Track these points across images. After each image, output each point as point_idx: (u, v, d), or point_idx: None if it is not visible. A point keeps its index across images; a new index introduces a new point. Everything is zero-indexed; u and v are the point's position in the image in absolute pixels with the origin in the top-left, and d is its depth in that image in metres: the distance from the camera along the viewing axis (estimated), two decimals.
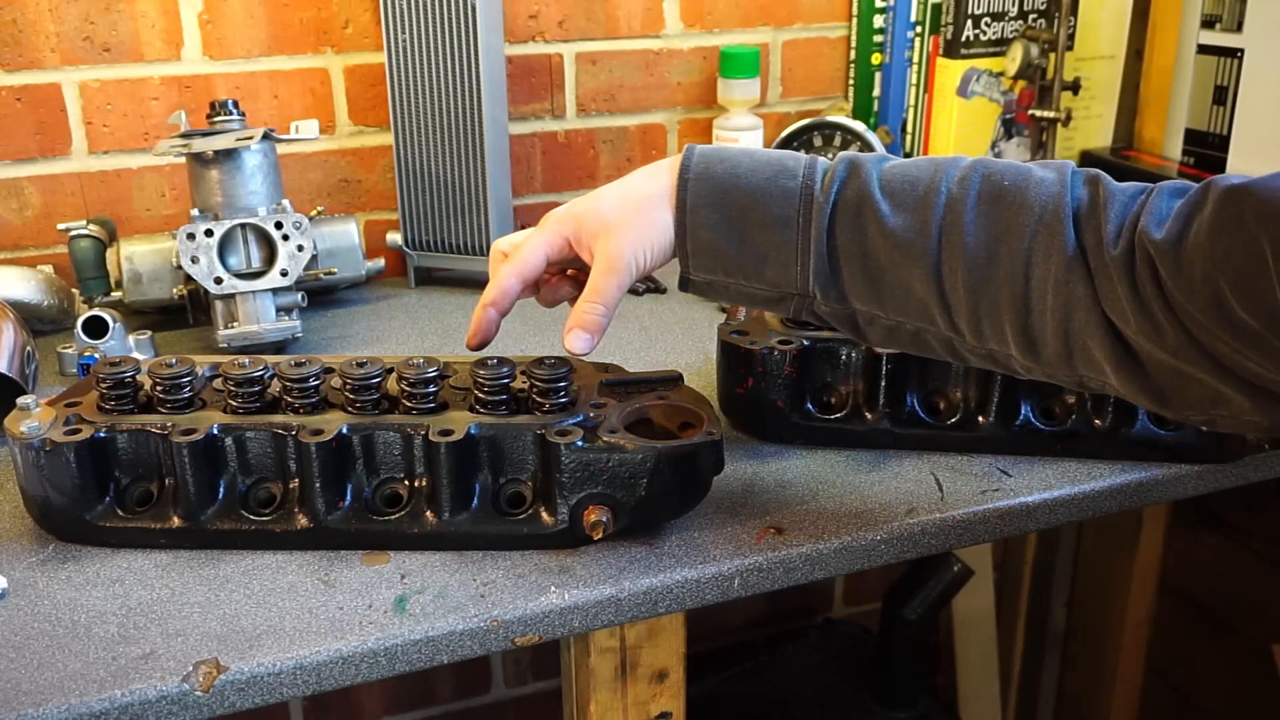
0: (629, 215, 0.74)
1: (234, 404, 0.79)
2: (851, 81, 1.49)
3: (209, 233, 1.06)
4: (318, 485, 0.76)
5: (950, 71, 1.40)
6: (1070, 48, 1.39)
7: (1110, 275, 0.64)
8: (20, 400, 0.78)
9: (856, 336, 0.75)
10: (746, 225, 0.72)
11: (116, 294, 1.15)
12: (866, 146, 1.41)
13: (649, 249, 0.74)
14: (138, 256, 1.14)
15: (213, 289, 1.07)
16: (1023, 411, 0.90)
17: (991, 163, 0.70)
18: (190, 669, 0.66)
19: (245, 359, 0.81)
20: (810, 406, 0.91)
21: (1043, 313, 0.67)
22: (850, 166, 0.72)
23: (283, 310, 1.10)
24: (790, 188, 0.71)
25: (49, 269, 1.19)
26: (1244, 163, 1.31)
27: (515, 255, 0.77)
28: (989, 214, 0.68)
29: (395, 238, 1.30)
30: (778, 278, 0.72)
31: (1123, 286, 0.64)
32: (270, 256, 1.09)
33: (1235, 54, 1.31)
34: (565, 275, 0.82)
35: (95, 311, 1.07)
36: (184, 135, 1.10)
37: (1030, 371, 0.71)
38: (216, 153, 1.07)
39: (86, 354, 1.04)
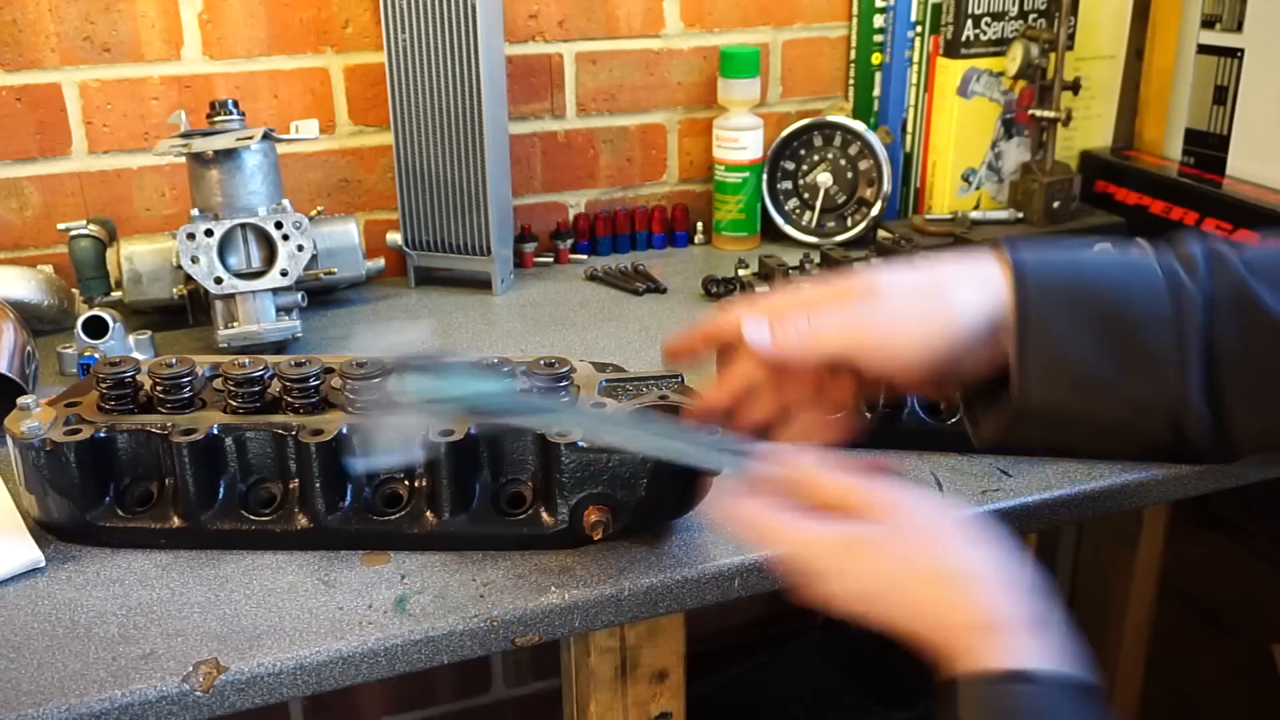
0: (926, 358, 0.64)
1: (234, 404, 0.79)
2: (851, 81, 1.49)
3: (209, 233, 1.06)
4: (318, 485, 0.76)
5: (950, 71, 1.40)
6: (1070, 47, 1.39)
7: None
8: (20, 400, 0.78)
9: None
10: (1108, 327, 0.60)
11: (116, 294, 1.15)
12: (867, 146, 1.41)
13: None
14: (138, 256, 1.14)
15: (213, 289, 1.07)
16: None
17: None
18: (190, 669, 0.66)
19: (245, 359, 0.81)
20: None
21: None
22: (1211, 255, 0.62)
23: (283, 310, 1.10)
24: (1154, 286, 0.61)
25: (49, 269, 1.19)
26: (1244, 163, 1.31)
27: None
28: None
29: (395, 238, 1.30)
30: (1147, 392, 0.60)
31: None
32: (270, 256, 1.09)
33: (1235, 54, 1.31)
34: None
35: (95, 311, 1.07)
36: (184, 135, 1.10)
37: None
38: (216, 153, 1.07)
39: (86, 354, 1.04)
